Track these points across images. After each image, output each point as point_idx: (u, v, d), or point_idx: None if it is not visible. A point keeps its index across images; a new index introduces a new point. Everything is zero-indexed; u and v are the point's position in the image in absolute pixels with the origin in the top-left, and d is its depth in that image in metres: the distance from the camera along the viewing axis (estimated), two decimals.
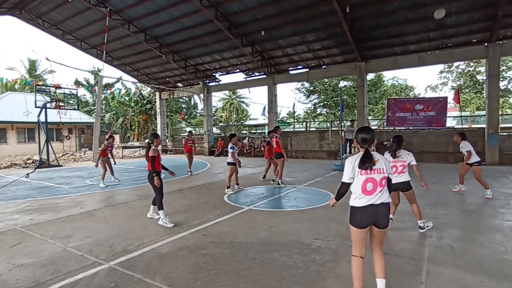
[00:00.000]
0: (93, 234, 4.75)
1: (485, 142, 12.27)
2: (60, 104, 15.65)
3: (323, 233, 4.56)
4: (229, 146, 8.35)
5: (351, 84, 29.20)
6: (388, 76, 35.29)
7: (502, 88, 29.07)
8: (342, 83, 30.38)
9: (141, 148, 23.26)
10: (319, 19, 12.62)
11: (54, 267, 3.58)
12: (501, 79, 28.80)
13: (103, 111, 34.09)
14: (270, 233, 4.62)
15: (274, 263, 3.55)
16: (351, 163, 2.75)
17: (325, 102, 31.83)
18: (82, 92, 37.04)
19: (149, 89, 30.72)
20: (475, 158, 6.69)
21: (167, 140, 24.03)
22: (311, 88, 32.20)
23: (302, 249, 3.94)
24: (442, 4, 10.76)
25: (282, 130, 20.11)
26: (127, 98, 33.51)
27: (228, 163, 8.38)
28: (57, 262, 3.70)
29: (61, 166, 15.54)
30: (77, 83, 32.34)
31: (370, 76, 28.37)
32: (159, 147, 7.91)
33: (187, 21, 14.27)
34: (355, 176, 2.73)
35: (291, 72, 17.21)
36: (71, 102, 17.04)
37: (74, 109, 17.44)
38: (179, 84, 22.18)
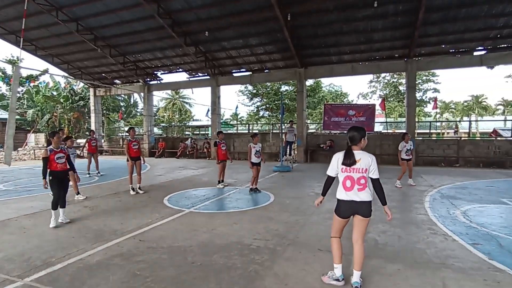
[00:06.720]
0: (5, 247, 4.15)
1: None
2: None
3: (262, 233, 4.67)
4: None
5: (291, 89, 30.48)
6: (326, 82, 37.68)
7: (418, 98, 33.29)
8: (283, 88, 31.54)
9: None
10: (262, 25, 12.96)
11: None
12: (417, 90, 32.92)
13: (25, 106, 30.15)
14: (211, 235, 4.59)
15: (213, 266, 3.53)
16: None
17: (267, 105, 32.70)
18: None
19: (82, 84, 28.09)
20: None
21: (103, 140, 22.25)
22: (254, 91, 32.82)
23: (242, 250, 3.99)
24: (370, 20, 11.96)
25: (225, 132, 20.09)
26: (55, 93, 30.14)
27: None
28: None
29: None
30: None
31: (309, 82, 30.03)
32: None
33: (126, 14, 13.40)
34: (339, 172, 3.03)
35: (234, 74, 17.33)
36: None
37: None
38: (117, 81, 20.72)
